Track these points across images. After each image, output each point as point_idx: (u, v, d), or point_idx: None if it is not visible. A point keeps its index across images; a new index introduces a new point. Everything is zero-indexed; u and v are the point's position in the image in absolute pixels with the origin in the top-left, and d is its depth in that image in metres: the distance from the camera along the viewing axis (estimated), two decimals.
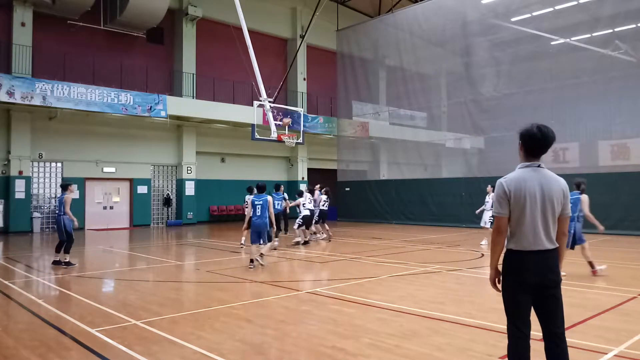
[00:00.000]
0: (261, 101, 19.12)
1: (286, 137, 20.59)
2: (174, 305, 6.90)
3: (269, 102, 19.38)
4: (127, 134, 21.52)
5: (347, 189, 25.71)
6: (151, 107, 19.92)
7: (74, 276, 9.25)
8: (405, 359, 4.49)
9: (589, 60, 17.92)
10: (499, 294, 3.35)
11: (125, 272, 10.01)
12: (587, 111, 18.69)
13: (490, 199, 12.69)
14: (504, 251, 3.32)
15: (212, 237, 17.54)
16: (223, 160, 25.17)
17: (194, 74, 22.87)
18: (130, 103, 19.45)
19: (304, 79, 27.39)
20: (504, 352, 3.44)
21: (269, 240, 10.35)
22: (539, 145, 3.22)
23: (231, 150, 24.93)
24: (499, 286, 3.35)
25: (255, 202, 9.98)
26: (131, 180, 22.05)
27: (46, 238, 17.13)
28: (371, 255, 11.93)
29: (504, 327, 3.36)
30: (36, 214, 19.20)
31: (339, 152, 26.75)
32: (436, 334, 5.20)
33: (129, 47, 22.00)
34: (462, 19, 21.64)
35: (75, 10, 19.56)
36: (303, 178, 26.68)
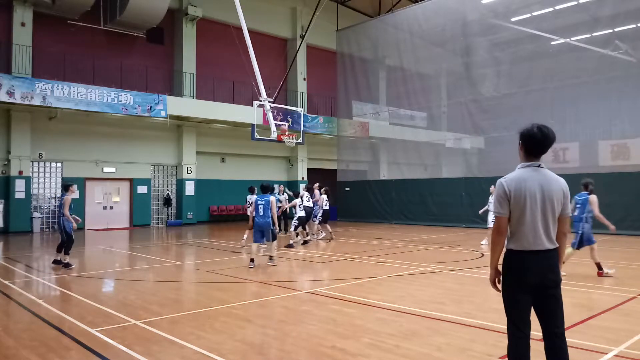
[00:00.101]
0: (261, 101, 19.11)
1: (286, 137, 20.60)
2: (174, 305, 6.90)
3: (269, 102, 19.37)
4: (127, 134, 21.52)
5: (347, 189, 25.71)
6: (151, 107, 19.92)
7: (74, 276, 9.25)
8: (405, 359, 4.49)
9: (589, 60, 17.92)
10: (499, 294, 3.35)
11: (125, 272, 10.01)
12: (587, 111, 18.69)
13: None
14: (504, 251, 3.32)
15: (212, 237, 17.54)
16: (223, 160, 25.17)
17: (194, 74, 22.87)
18: (130, 103, 19.45)
19: (304, 79, 27.39)
20: (504, 352, 3.44)
21: (274, 239, 10.46)
22: (539, 145, 3.22)
23: (231, 150, 24.93)
24: (499, 286, 3.35)
25: (259, 202, 10.21)
26: (131, 180, 22.06)
27: (46, 238, 17.14)
28: (371, 255, 11.93)
29: (504, 327, 3.36)
30: (36, 214, 19.20)
31: (339, 152, 26.75)
32: (436, 334, 5.20)
33: (129, 47, 22.00)
34: (462, 19, 21.63)
35: (75, 10, 19.56)
36: (303, 178, 26.67)
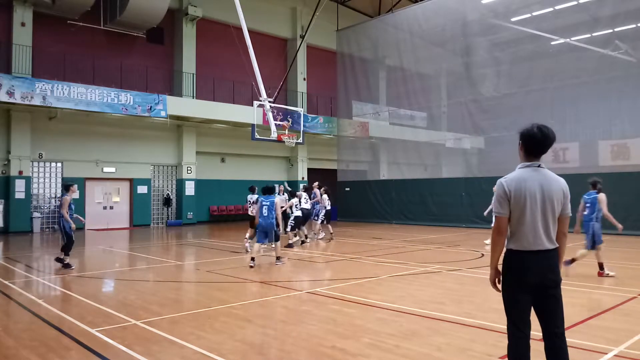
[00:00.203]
0: (261, 101, 19.10)
1: (286, 137, 20.59)
2: (174, 305, 6.90)
3: (269, 102, 19.36)
4: (127, 134, 21.52)
5: (347, 189, 25.70)
6: (151, 107, 19.92)
7: (74, 276, 9.25)
8: (405, 359, 4.49)
9: (589, 60, 17.92)
10: (499, 294, 3.35)
11: (125, 272, 10.01)
12: (587, 111, 18.68)
13: None
14: (504, 251, 3.32)
15: (212, 237, 17.54)
16: (223, 160, 25.16)
17: (194, 74, 22.87)
18: (130, 103, 19.45)
19: (304, 79, 27.38)
20: (504, 352, 3.44)
21: (277, 240, 10.52)
22: (539, 145, 3.22)
23: (231, 150, 24.93)
24: (499, 286, 3.35)
25: (263, 202, 10.38)
26: (131, 180, 22.05)
27: (46, 238, 17.14)
28: (371, 255, 11.93)
29: (504, 327, 3.36)
30: (36, 214, 19.19)
31: (339, 152, 26.74)
32: (436, 334, 5.20)
33: (129, 47, 21.99)
34: (462, 19, 21.63)
35: (75, 10, 19.56)
36: (303, 178, 26.67)
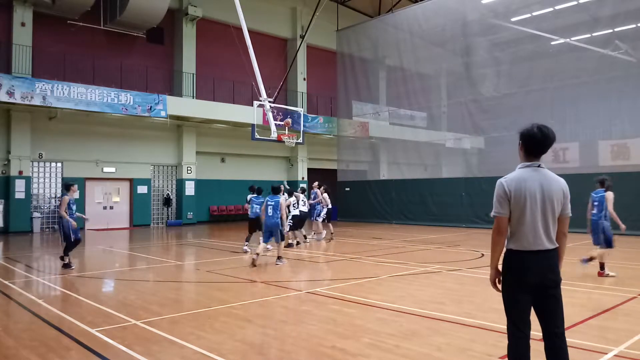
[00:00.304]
0: (261, 101, 19.10)
1: (286, 137, 20.57)
2: (174, 305, 6.90)
3: (269, 102, 19.36)
4: (127, 134, 21.52)
5: (347, 189, 25.70)
6: (151, 107, 19.92)
7: (74, 276, 9.25)
8: (405, 359, 4.49)
9: (589, 60, 17.91)
10: (499, 294, 3.35)
11: (125, 272, 10.01)
12: (587, 111, 18.68)
13: None
14: (504, 251, 3.32)
15: (212, 237, 17.54)
16: (223, 160, 25.16)
17: (194, 74, 22.87)
18: (130, 103, 19.45)
19: (304, 79, 27.38)
20: (504, 352, 3.44)
21: (282, 239, 10.55)
22: (539, 145, 3.22)
23: (231, 150, 24.93)
24: (499, 286, 3.35)
25: (268, 202, 10.43)
26: (131, 180, 22.05)
27: (46, 238, 17.13)
28: (371, 255, 11.92)
29: (504, 327, 3.36)
30: (36, 214, 19.19)
31: (339, 152, 26.74)
32: (436, 334, 5.20)
33: (129, 47, 21.99)
34: (462, 19, 21.63)
35: (75, 10, 19.56)
36: (303, 178, 26.68)
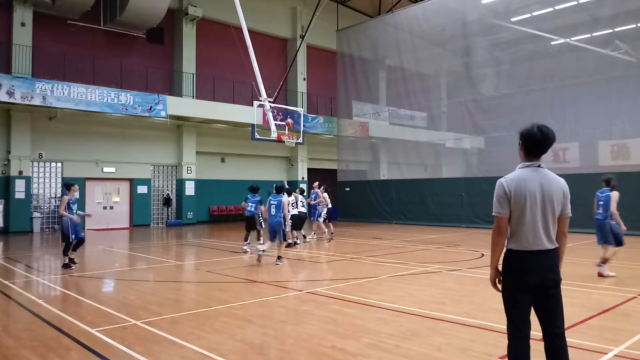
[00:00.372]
0: (261, 101, 19.10)
1: (286, 137, 20.58)
2: (174, 305, 6.90)
3: (269, 102, 19.36)
4: (127, 134, 21.51)
5: (347, 189, 25.70)
6: (151, 107, 19.92)
7: (74, 276, 9.25)
8: (405, 359, 4.49)
9: (589, 60, 17.91)
10: (499, 294, 3.35)
11: (125, 272, 10.01)
12: (587, 111, 18.68)
13: None
14: (504, 251, 3.32)
15: (212, 237, 17.54)
16: (223, 160, 25.16)
17: (194, 74, 22.86)
18: (130, 103, 19.45)
19: (304, 79, 27.38)
20: (504, 352, 3.44)
21: (284, 239, 10.56)
22: (539, 145, 3.22)
23: (231, 150, 24.92)
24: (499, 286, 3.35)
25: (272, 201, 10.43)
26: (131, 180, 22.05)
27: (46, 238, 17.13)
28: (371, 255, 11.92)
29: (504, 327, 3.36)
30: (36, 214, 19.19)
31: (339, 152, 26.74)
32: (436, 334, 5.20)
33: (129, 47, 21.99)
34: (462, 19, 21.63)
35: (75, 10, 19.56)
36: (303, 178, 26.68)
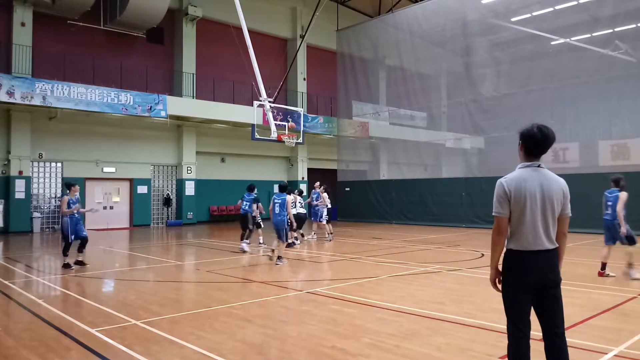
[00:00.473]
0: (261, 101, 19.10)
1: (286, 137, 20.58)
2: (174, 305, 6.90)
3: (269, 102, 19.36)
4: (127, 134, 21.51)
5: (347, 189, 25.70)
6: (151, 107, 19.91)
7: (74, 276, 9.26)
8: (405, 359, 4.49)
9: (589, 60, 17.91)
10: (499, 294, 3.36)
11: (125, 272, 10.01)
12: (587, 111, 18.68)
13: None
14: (504, 251, 3.32)
15: (212, 237, 17.54)
16: (223, 160, 25.15)
17: (194, 74, 22.86)
18: (130, 103, 19.45)
19: (304, 79, 27.37)
20: (504, 352, 3.44)
21: (286, 239, 10.59)
22: (539, 145, 3.22)
23: (231, 150, 24.91)
24: (499, 286, 3.35)
25: (275, 200, 10.47)
26: (131, 180, 22.04)
27: (46, 238, 17.13)
28: (371, 255, 11.92)
29: (504, 327, 3.36)
30: (36, 214, 19.19)
31: (339, 152, 26.73)
32: (436, 334, 5.20)
33: (129, 47, 21.98)
34: (462, 19, 21.63)
35: (75, 10, 19.55)
36: (303, 178, 26.67)
